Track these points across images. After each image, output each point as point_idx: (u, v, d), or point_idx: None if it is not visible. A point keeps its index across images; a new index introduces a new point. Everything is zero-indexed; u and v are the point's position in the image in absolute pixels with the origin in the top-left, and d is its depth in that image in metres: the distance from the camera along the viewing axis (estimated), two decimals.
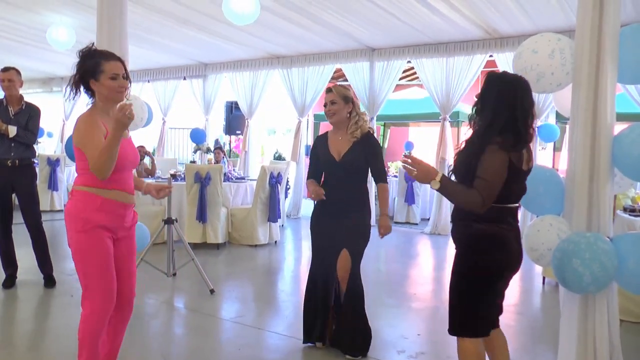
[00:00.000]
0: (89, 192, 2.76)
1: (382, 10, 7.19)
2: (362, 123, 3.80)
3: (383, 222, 3.79)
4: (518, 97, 2.59)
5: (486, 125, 2.58)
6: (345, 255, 3.71)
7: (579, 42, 3.04)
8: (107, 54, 2.86)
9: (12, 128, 5.03)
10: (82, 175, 2.81)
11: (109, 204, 2.79)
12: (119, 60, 2.86)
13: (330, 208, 3.79)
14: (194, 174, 7.18)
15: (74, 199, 2.80)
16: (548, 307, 5.31)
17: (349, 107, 3.80)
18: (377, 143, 3.92)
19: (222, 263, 6.78)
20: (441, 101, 9.24)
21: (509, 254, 2.65)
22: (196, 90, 12.17)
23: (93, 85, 2.80)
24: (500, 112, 2.56)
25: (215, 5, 6.73)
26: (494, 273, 2.65)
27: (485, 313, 2.70)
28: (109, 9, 5.31)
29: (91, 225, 2.73)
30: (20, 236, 5.47)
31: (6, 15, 8.00)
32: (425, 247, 8.41)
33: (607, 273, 2.81)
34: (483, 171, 2.50)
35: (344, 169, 3.76)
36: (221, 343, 4.15)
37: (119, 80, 2.82)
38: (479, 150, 2.53)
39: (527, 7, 6.88)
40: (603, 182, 2.99)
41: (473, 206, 2.52)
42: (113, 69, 2.80)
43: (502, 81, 2.66)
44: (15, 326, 4.35)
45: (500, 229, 2.62)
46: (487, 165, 2.50)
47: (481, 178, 2.50)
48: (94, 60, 2.80)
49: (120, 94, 2.85)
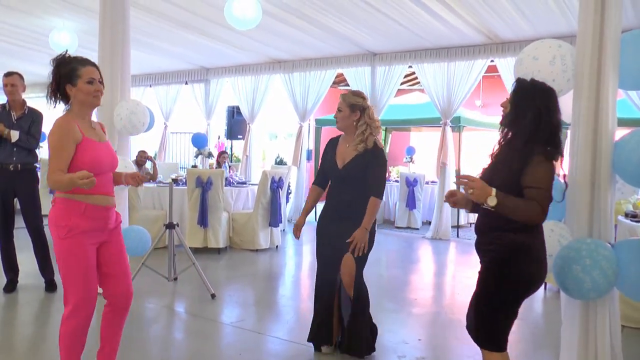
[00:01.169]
0: (72, 200, 2.80)
1: (383, 15, 7.21)
2: (368, 136, 3.72)
3: (357, 233, 3.63)
4: (553, 106, 2.56)
5: (527, 138, 2.49)
6: (349, 260, 3.68)
7: (580, 47, 3.04)
8: (82, 59, 2.91)
9: (14, 133, 5.04)
10: None
11: (92, 209, 2.84)
12: (94, 65, 2.93)
13: (334, 214, 3.80)
14: (195, 178, 7.18)
15: (57, 207, 2.83)
16: (549, 313, 5.30)
17: (356, 115, 3.76)
18: (380, 157, 3.76)
19: (223, 268, 6.78)
20: (442, 106, 9.25)
21: (542, 266, 2.59)
22: (198, 94, 12.19)
23: (69, 90, 2.86)
24: (541, 123, 2.50)
25: (217, 10, 6.75)
26: (526, 286, 2.56)
27: (510, 326, 2.61)
28: (112, 13, 5.34)
29: (74, 232, 2.78)
30: (21, 240, 5.47)
31: (9, 19, 8.03)
32: (427, 252, 8.40)
33: (608, 279, 2.81)
34: (537, 181, 2.43)
35: (345, 177, 3.75)
36: (222, 348, 4.15)
37: (95, 85, 2.88)
38: (522, 167, 2.46)
39: (527, 13, 6.89)
40: (604, 188, 2.99)
41: (535, 217, 2.45)
42: (89, 74, 2.86)
43: (536, 89, 2.60)
44: (15, 330, 4.35)
45: (535, 240, 2.56)
46: (540, 175, 2.44)
47: (536, 188, 2.43)
48: (70, 65, 2.86)
49: (97, 98, 2.91)
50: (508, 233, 2.51)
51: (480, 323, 2.61)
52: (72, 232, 2.77)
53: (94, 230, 2.87)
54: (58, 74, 2.86)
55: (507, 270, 2.51)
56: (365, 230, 3.64)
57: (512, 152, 2.53)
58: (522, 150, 2.48)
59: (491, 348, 2.58)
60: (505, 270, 2.52)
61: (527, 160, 2.45)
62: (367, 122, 3.75)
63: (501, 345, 2.57)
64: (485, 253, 2.63)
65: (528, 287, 2.55)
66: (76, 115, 2.88)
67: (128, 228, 5.41)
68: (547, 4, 6.48)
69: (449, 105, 9.14)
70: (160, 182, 8.40)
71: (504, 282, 2.53)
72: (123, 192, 5.44)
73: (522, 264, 2.50)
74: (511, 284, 2.53)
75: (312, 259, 7.94)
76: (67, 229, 2.77)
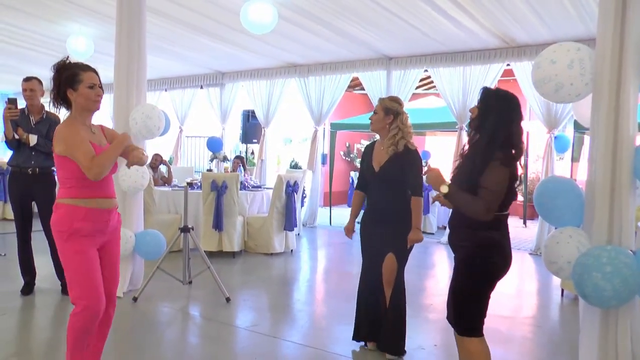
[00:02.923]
0: (73, 205, 2.88)
1: (399, 19, 7.19)
2: (399, 140, 3.85)
3: (411, 235, 3.81)
4: (514, 113, 2.80)
5: (487, 142, 2.75)
6: (391, 259, 3.85)
7: (599, 51, 3.00)
8: (82, 65, 2.98)
9: (32, 137, 5.09)
10: (64, 186, 2.93)
11: (93, 213, 2.92)
12: (94, 71, 3.00)
13: (375, 215, 3.96)
14: (210, 182, 7.20)
15: (59, 212, 2.91)
16: (567, 320, 5.23)
17: (389, 118, 3.89)
18: (414, 157, 3.89)
19: (237, 271, 6.78)
20: (458, 110, 9.19)
21: (507, 258, 2.87)
22: (213, 99, 12.24)
23: (70, 95, 2.92)
24: (500, 128, 2.75)
25: (233, 15, 6.78)
26: (496, 276, 2.85)
27: (484, 313, 2.91)
28: (128, 19, 5.38)
29: (76, 235, 2.86)
30: (38, 244, 5.52)
31: (26, 25, 8.13)
32: (442, 257, 8.34)
33: (629, 287, 2.75)
34: (487, 182, 2.69)
35: (382, 180, 3.89)
36: (236, 352, 4.15)
37: (96, 90, 2.95)
38: (481, 168, 2.71)
39: (544, 16, 6.83)
40: (625, 193, 2.94)
41: (478, 213, 2.71)
42: (91, 79, 2.93)
43: (499, 97, 2.84)
44: (32, 333, 4.38)
45: (500, 236, 2.84)
46: (492, 178, 2.69)
47: (486, 188, 2.69)
48: (71, 71, 2.92)
49: (97, 102, 2.98)
50: (480, 230, 2.79)
51: (459, 313, 2.92)
52: (73, 236, 2.85)
53: (95, 232, 2.95)
54: (59, 79, 2.93)
55: (480, 263, 2.81)
56: (417, 229, 3.83)
57: (476, 153, 2.79)
58: (484, 152, 2.73)
59: (470, 334, 2.89)
60: (478, 263, 2.81)
61: (486, 163, 2.70)
62: (400, 126, 3.89)
63: (479, 330, 2.89)
64: (458, 249, 2.92)
65: (497, 276, 2.86)
66: (76, 120, 2.96)
67: (143, 232, 5.45)
68: (564, 8, 6.42)
69: (465, 109, 9.07)
70: (175, 185, 8.44)
71: (478, 274, 2.83)
72: (138, 196, 5.48)
73: (493, 258, 2.81)
74: (483, 276, 2.83)
75: (327, 263, 7.93)
76: (68, 233, 2.85)
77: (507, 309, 5.44)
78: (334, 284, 6.63)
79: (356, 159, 15.80)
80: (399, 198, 3.85)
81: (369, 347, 4.11)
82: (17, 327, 4.52)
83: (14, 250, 5.49)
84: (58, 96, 2.95)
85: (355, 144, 15.90)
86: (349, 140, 15.80)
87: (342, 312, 5.12)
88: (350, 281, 6.52)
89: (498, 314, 5.11)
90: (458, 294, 2.92)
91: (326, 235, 10.28)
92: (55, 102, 2.98)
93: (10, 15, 7.61)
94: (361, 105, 15.26)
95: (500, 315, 5.14)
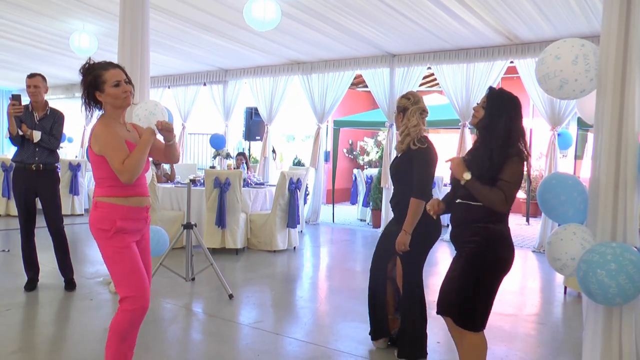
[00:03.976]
0: (113, 203, 2.88)
1: (402, 16, 7.18)
2: (405, 137, 3.77)
3: (399, 237, 3.65)
4: (518, 113, 2.95)
5: (503, 141, 2.87)
6: (398, 262, 3.84)
7: (604, 47, 2.99)
8: (104, 64, 2.95)
9: (36, 133, 5.10)
10: (102, 185, 2.91)
11: (133, 211, 2.94)
12: (117, 67, 2.97)
13: (393, 213, 3.95)
14: (213, 179, 7.21)
15: (99, 211, 2.90)
16: (570, 317, 5.22)
17: (400, 117, 3.86)
18: (421, 157, 3.71)
19: (240, 268, 6.79)
20: (461, 107, 9.18)
21: (513, 251, 2.98)
22: (216, 96, 12.24)
23: (99, 97, 2.91)
24: (512, 127, 2.89)
25: (236, 12, 6.78)
26: (505, 268, 2.94)
27: (491, 306, 2.98)
28: (131, 16, 5.38)
29: (119, 233, 2.86)
30: (42, 240, 5.54)
31: (30, 22, 8.14)
32: (445, 254, 8.34)
33: (635, 285, 2.74)
34: (507, 175, 2.83)
35: (393, 177, 3.91)
36: (240, 349, 4.15)
37: (122, 86, 2.92)
38: (501, 165, 2.84)
39: (548, 13, 6.81)
40: (630, 190, 2.93)
41: (497, 203, 2.83)
42: (114, 77, 2.90)
43: (508, 98, 2.97)
44: (36, 329, 4.39)
45: (507, 230, 2.98)
46: (512, 171, 2.84)
47: (506, 181, 2.82)
48: (93, 73, 2.90)
49: (127, 98, 2.96)
50: (487, 225, 2.89)
51: (467, 309, 2.95)
52: (116, 234, 2.85)
53: (135, 230, 2.97)
54: (85, 84, 2.92)
55: (491, 257, 2.88)
56: (405, 232, 3.63)
57: (489, 150, 2.87)
58: (502, 150, 2.84)
59: (474, 328, 2.96)
60: (489, 258, 2.88)
61: (505, 159, 2.83)
62: (406, 123, 3.79)
63: (483, 324, 2.98)
64: (466, 244, 2.96)
65: (507, 269, 2.94)
66: (111, 119, 2.94)
67: None
68: (568, 4, 6.40)
69: (468, 106, 9.06)
70: (179, 182, 8.44)
71: (490, 268, 2.89)
72: None
73: (501, 251, 2.91)
74: (495, 269, 2.91)
75: (329, 260, 7.93)
76: (111, 231, 2.85)
77: (510, 307, 5.43)
78: (337, 281, 6.63)
79: (359, 157, 15.80)
80: (404, 197, 3.71)
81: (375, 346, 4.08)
82: (21, 323, 4.53)
83: (17, 246, 5.51)
84: (89, 99, 2.94)
85: (358, 141, 15.89)
86: (352, 138, 15.79)
87: (345, 309, 5.12)
88: (354, 278, 6.52)
89: (501, 312, 5.11)
90: (466, 289, 2.94)
91: (329, 232, 10.28)
92: (87, 106, 2.97)
93: (14, 12, 7.63)
94: (364, 103, 15.25)
95: (503, 312, 5.13)
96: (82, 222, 9.89)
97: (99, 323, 4.48)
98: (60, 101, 14.25)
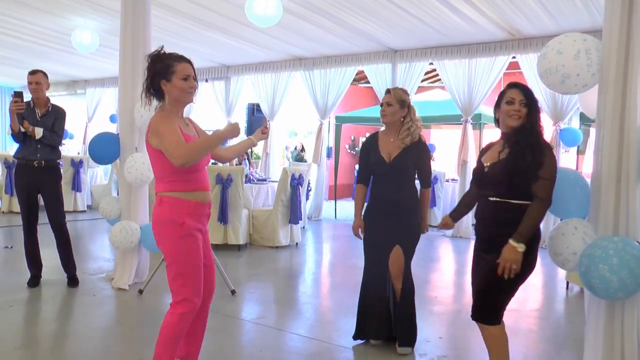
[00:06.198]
0: (180, 198, 2.78)
1: (404, 12, 7.16)
2: (414, 130, 3.85)
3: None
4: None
5: (537, 137, 2.81)
6: (398, 252, 3.82)
7: (606, 42, 2.98)
8: (177, 56, 2.89)
9: (38, 130, 5.10)
10: (164, 181, 2.81)
11: (198, 207, 2.84)
12: (189, 62, 2.90)
13: (383, 206, 3.89)
14: (215, 175, 7.20)
15: (166, 205, 2.79)
16: (572, 313, 5.22)
17: (404, 111, 3.86)
18: (427, 149, 3.97)
19: (243, 264, 6.80)
20: (463, 103, 9.17)
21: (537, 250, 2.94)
22: (218, 92, 12.25)
23: (164, 86, 2.82)
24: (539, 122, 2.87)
25: (238, 8, 6.77)
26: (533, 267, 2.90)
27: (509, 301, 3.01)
28: (133, 12, 5.38)
29: (187, 229, 2.77)
30: (44, 236, 5.55)
31: (32, 19, 8.14)
32: (447, 250, 8.34)
33: (636, 279, 2.73)
34: (548, 173, 2.74)
35: (394, 171, 3.84)
36: (242, 344, 4.16)
37: (190, 81, 2.85)
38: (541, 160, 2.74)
39: (550, 8, 6.80)
40: (632, 184, 2.93)
41: (544, 212, 2.79)
42: (185, 70, 2.83)
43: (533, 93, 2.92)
44: (39, 325, 4.40)
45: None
46: (550, 167, 2.75)
47: (546, 179, 2.74)
48: (165, 62, 2.83)
49: (190, 94, 2.89)
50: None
51: (486, 305, 2.97)
52: (184, 230, 2.76)
53: (199, 227, 2.87)
54: (153, 70, 2.84)
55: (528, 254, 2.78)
56: (425, 220, 3.96)
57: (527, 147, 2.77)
58: (539, 145, 2.78)
59: (493, 323, 2.97)
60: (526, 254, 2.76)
61: (543, 153, 2.75)
62: (413, 118, 3.88)
63: (501, 318, 2.99)
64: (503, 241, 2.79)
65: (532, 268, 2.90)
66: (170, 112, 2.85)
67: (149, 224, 5.45)
68: None
69: (470, 102, 9.06)
70: None
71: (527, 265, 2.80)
72: (144, 188, 5.50)
73: (534, 251, 2.84)
74: (529, 266, 2.85)
75: (332, 256, 7.94)
76: (180, 226, 2.75)
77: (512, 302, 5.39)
78: (339, 277, 6.64)
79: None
80: (408, 189, 3.86)
81: (372, 344, 4.03)
82: (24, 319, 4.54)
83: (20, 242, 5.52)
84: (151, 87, 2.86)
85: (360, 137, 15.85)
86: (354, 134, 15.78)
87: (347, 304, 5.12)
88: (356, 274, 6.51)
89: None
90: (495, 287, 2.90)
91: (331, 228, 10.29)
92: (147, 92, 2.87)
93: (16, 9, 7.63)
94: (366, 99, 15.23)
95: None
96: (84, 219, 9.92)
97: (102, 319, 4.50)
98: (62, 98, 14.26)
